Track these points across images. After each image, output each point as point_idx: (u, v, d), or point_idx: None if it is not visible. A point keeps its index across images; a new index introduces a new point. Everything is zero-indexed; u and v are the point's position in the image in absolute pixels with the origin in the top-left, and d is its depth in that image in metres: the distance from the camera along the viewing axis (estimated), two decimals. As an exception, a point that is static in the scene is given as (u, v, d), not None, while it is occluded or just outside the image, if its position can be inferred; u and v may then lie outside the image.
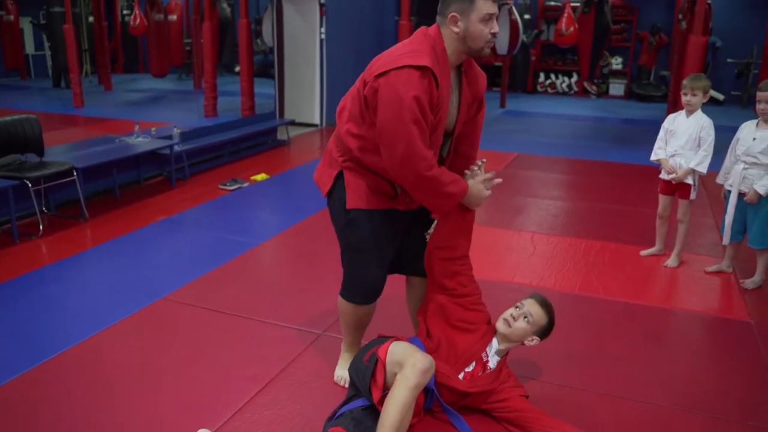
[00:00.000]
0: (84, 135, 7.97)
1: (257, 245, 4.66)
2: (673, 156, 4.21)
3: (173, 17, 13.87)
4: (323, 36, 9.47)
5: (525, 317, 2.55)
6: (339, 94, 9.61)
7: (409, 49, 2.24)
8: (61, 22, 11.36)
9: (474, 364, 2.54)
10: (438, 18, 2.31)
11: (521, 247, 4.66)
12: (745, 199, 3.89)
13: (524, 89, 14.23)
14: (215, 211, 5.59)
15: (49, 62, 14.36)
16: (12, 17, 14.03)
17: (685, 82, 4.15)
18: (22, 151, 5.12)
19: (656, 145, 4.34)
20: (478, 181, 2.50)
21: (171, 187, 6.21)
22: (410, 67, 2.16)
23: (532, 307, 2.57)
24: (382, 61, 2.28)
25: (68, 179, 5.14)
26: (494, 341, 2.59)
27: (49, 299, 3.73)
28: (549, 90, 14.57)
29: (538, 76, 14.57)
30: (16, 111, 5.55)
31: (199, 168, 6.85)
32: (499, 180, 2.54)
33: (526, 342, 2.59)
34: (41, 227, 4.89)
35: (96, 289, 3.93)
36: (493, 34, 2.24)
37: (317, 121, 9.71)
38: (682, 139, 4.15)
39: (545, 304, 2.60)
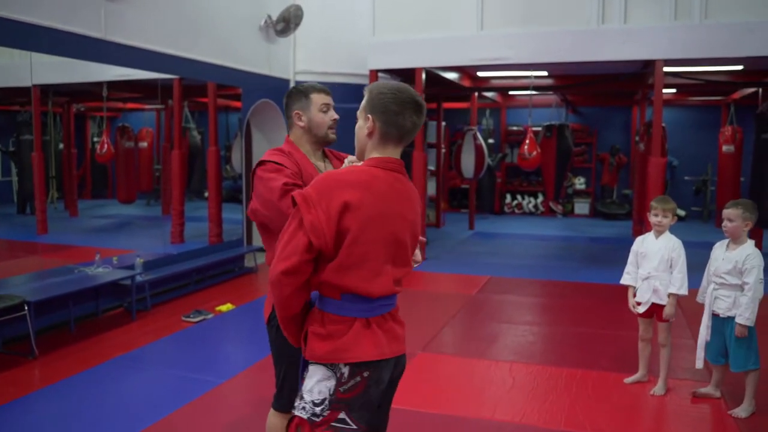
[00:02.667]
0: (44, 264, 7.70)
1: (220, 384, 4.35)
2: (647, 278, 4.14)
3: (144, 144, 13.99)
4: (292, 162, 9.54)
5: None
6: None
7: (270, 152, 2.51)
8: (29, 149, 11.33)
9: None
10: (286, 122, 2.62)
11: (499, 379, 4.43)
12: (735, 333, 3.77)
13: (492, 210, 14.44)
14: (177, 346, 5.29)
15: (15, 188, 14.22)
16: (-21, 146, 14.01)
17: (654, 203, 4.15)
18: (-30, 285, 4.85)
19: (626, 269, 4.28)
20: None
21: (131, 320, 5.91)
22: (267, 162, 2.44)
23: None
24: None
25: (19, 314, 4.85)
26: None
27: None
28: (516, 210, 14.81)
29: (505, 197, 14.86)
30: None
31: (163, 298, 6.58)
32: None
33: None
34: (-19, 369, 4.53)
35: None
36: (334, 121, 2.58)
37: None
38: (654, 261, 4.10)
39: None
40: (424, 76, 8.56)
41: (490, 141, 13.67)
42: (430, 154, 12.13)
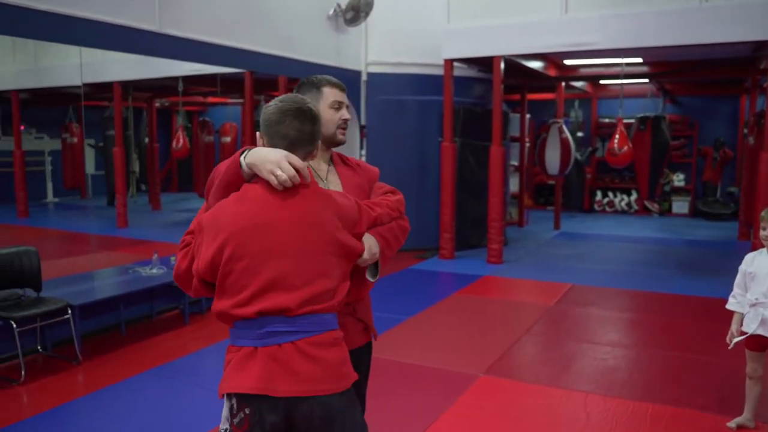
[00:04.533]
0: (112, 260, 7.68)
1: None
2: (754, 305, 3.43)
3: (227, 139, 14.05)
4: (363, 158, 9.16)
5: None
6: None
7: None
8: (113, 144, 11.57)
9: None
10: None
11: (571, 415, 3.81)
12: None
13: (580, 208, 13.54)
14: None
15: (107, 182, 14.66)
16: (76, 140, 14.53)
17: (764, 214, 3.43)
18: (19, 285, 4.73)
19: (733, 291, 3.58)
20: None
21: (184, 323, 5.69)
22: None
23: None
24: None
25: (62, 318, 4.69)
26: None
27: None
28: (607, 209, 13.82)
29: (595, 195, 13.90)
30: (65, 231, 5.25)
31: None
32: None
33: None
34: (23, 373, 4.38)
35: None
36: (345, 120, 2.17)
37: (357, 244, 9.21)
38: (763, 285, 3.39)
39: None
40: (502, 65, 7.92)
41: (579, 134, 12.77)
42: (513, 148, 11.43)
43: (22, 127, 13.11)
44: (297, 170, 1.77)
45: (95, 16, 5.05)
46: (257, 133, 1.91)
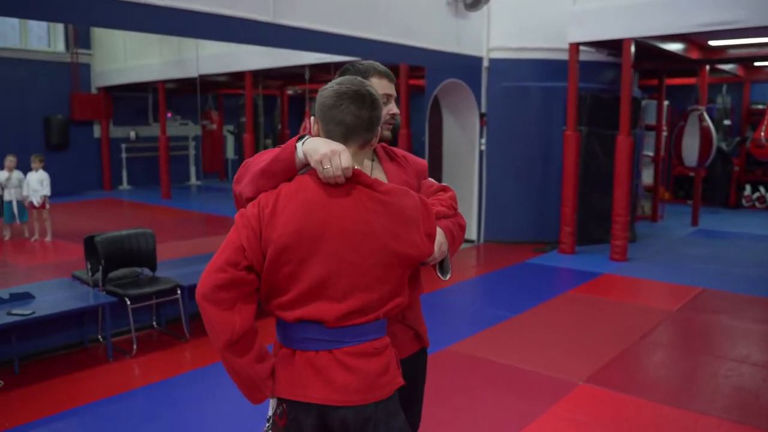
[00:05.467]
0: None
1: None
2: None
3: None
4: (483, 147, 8.91)
5: None
6: (499, 208, 8.79)
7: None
8: (245, 131, 12.14)
9: None
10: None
11: (679, 436, 3.46)
12: None
13: (725, 204, 12.37)
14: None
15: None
16: (215, 126, 15.46)
17: None
18: (135, 265, 5.05)
19: None
20: None
21: (289, 307, 5.83)
22: None
23: None
24: None
25: (173, 297, 4.95)
26: None
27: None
28: (757, 205, 12.51)
29: (743, 189, 12.63)
30: (201, 213, 5.60)
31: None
32: None
33: None
34: (135, 347, 4.69)
35: (163, 428, 3.50)
36: (392, 116, 1.99)
37: (474, 236, 9.01)
38: None
39: None
40: (633, 48, 7.34)
41: (726, 122, 11.65)
42: (648, 137, 10.65)
43: (169, 115, 14.13)
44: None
45: (213, 9, 5.24)
46: (312, 118, 1.79)
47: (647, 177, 10.91)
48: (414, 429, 2.09)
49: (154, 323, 5.20)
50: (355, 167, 1.70)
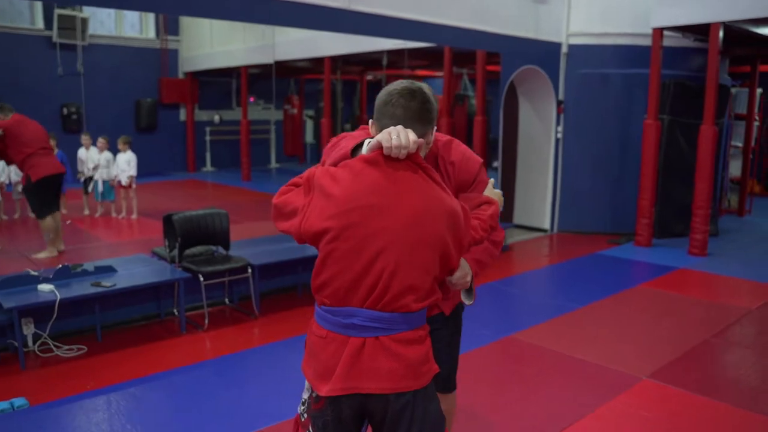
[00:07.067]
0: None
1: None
2: None
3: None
4: (560, 135, 8.73)
5: None
6: (574, 197, 8.59)
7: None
8: (323, 115, 12.35)
9: None
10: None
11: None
12: None
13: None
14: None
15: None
16: (296, 110, 15.82)
17: None
18: (210, 243, 5.28)
19: None
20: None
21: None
22: None
23: None
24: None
25: (244, 275, 5.16)
26: None
27: (183, 402, 3.59)
28: None
29: None
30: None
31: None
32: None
33: None
34: (206, 321, 4.92)
35: (225, 399, 3.68)
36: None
37: (547, 226, 8.87)
38: None
39: None
40: (721, 33, 6.98)
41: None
42: (738, 127, 10.12)
43: (251, 99, 14.55)
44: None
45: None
46: (370, 121, 1.87)
47: (735, 169, 10.38)
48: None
49: (226, 300, 5.43)
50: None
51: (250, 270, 5.12)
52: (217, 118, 14.99)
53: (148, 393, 3.78)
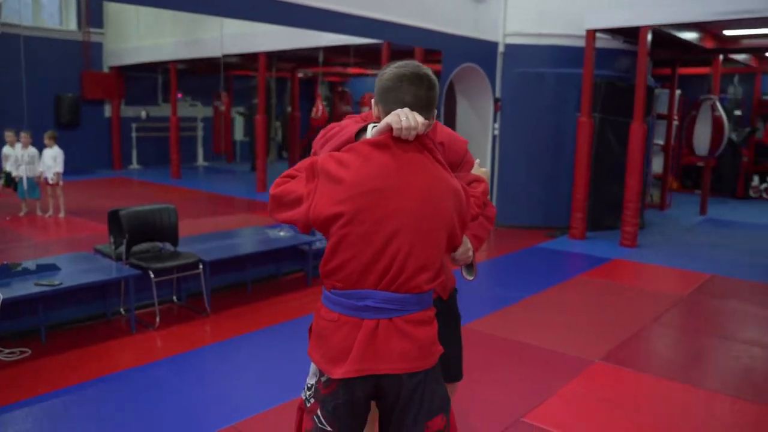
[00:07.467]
0: (250, 221, 8.13)
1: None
2: None
3: (366, 109, 14.30)
4: (497, 132, 8.96)
5: None
6: (511, 192, 8.82)
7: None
8: (256, 112, 12.16)
9: None
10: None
11: (695, 414, 3.54)
12: None
13: (733, 194, 12.43)
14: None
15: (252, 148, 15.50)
16: (225, 107, 15.50)
17: None
18: (158, 239, 5.13)
19: None
20: None
21: (306, 285, 5.92)
22: None
23: None
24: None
25: (195, 272, 5.04)
26: None
27: (136, 403, 3.46)
28: (764, 195, 12.56)
29: (751, 180, 12.68)
30: (210, 193, 5.65)
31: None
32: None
33: None
34: (158, 319, 4.78)
35: (187, 398, 3.59)
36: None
37: (484, 219, 9.07)
38: None
39: None
40: (650, 36, 7.36)
41: (737, 113, 11.68)
42: (659, 126, 10.68)
43: (179, 95, 14.16)
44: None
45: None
46: (372, 101, 1.87)
47: (657, 166, 10.96)
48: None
49: (175, 298, 5.28)
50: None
51: (201, 266, 5.00)
52: (144, 114, 14.52)
53: (101, 395, 3.63)
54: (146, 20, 12.78)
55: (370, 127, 1.80)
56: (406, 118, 1.70)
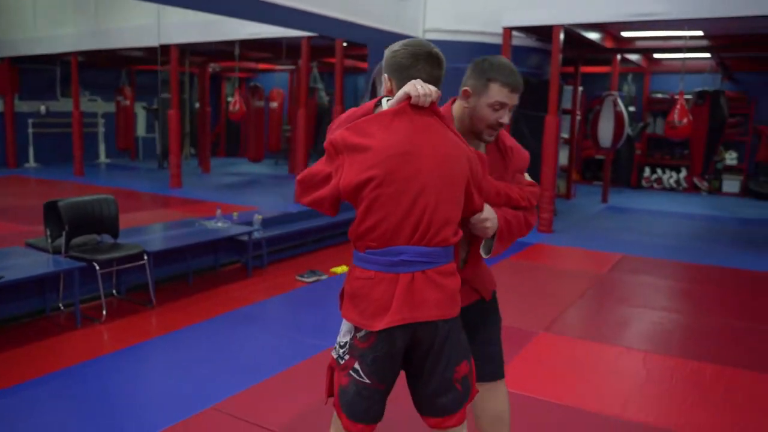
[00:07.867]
0: (170, 216, 7.97)
1: (327, 349, 4.18)
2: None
3: (274, 104, 14.25)
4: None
5: None
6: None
7: None
8: (168, 107, 11.83)
9: None
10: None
11: (631, 371, 3.92)
12: None
13: (628, 184, 13.42)
14: (289, 305, 5.22)
15: (158, 144, 15.02)
16: (128, 102, 14.90)
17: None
18: (97, 231, 4.98)
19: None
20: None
21: (247, 276, 5.91)
22: None
23: None
24: None
25: (140, 263, 4.94)
26: None
27: (96, 395, 3.38)
28: (655, 185, 13.67)
29: (644, 171, 13.75)
30: (121, 189, 5.50)
31: (279, 256, 6.55)
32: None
33: None
34: (104, 312, 4.66)
35: (144, 388, 3.55)
36: (500, 124, 2.11)
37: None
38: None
39: None
40: (562, 36, 7.88)
41: (631, 109, 12.62)
42: (563, 121, 11.36)
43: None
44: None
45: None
46: (384, 76, 2.00)
47: (562, 158, 11.66)
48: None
49: (114, 291, 5.14)
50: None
51: (146, 257, 4.90)
52: (43, 109, 13.73)
53: (48, 394, 3.46)
54: (43, 9, 12.12)
55: (384, 100, 1.96)
56: (422, 86, 1.88)
